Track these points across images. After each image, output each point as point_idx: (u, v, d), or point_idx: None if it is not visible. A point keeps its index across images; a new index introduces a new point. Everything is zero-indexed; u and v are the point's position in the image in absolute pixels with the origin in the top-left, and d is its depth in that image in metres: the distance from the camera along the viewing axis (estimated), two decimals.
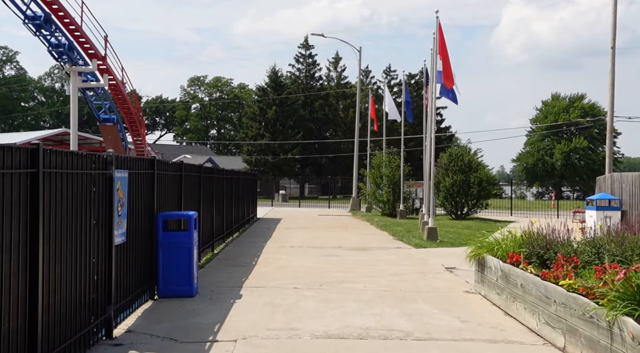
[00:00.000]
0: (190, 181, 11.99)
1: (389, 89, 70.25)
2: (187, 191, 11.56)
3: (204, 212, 13.38)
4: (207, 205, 14.02)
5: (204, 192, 13.55)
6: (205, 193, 13.63)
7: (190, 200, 11.90)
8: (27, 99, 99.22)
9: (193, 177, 12.28)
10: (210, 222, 14.45)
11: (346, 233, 20.27)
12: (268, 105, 64.23)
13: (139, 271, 8.37)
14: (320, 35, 37.35)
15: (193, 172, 12.29)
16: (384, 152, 30.11)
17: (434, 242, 17.18)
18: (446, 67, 16.99)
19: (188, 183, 11.67)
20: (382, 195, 28.58)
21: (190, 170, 11.91)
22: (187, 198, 11.44)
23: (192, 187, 12.12)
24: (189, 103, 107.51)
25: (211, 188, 14.55)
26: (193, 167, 12.34)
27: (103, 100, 31.35)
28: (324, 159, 66.81)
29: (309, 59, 69.44)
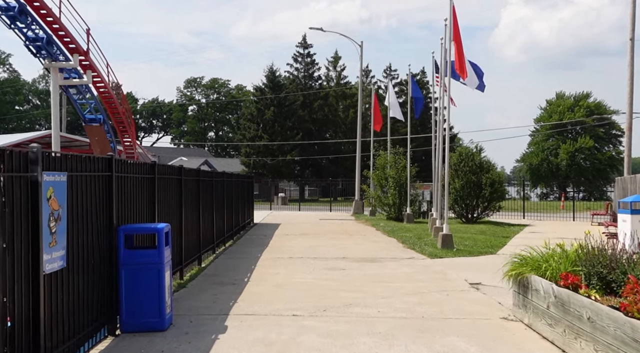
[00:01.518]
0: (169, 186, 10.12)
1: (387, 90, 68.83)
2: (164, 197, 9.69)
3: (187, 221, 11.51)
4: (192, 213, 12.14)
5: (188, 197, 11.68)
6: (189, 199, 11.76)
7: (168, 208, 10.03)
8: (21, 102, 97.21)
9: (172, 180, 10.40)
10: (196, 232, 12.58)
11: (350, 240, 18.38)
12: (266, 105, 62.40)
13: (92, 301, 6.50)
14: (319, 29, 35.54)
15: (172, 174, 10.42)
16: (389, 152, 28.21)
17: (450, 250, 15.31)
18: (460, 55, 15.10)
19: (165, 189, 9.80)
20: (387, 197, 26.68)
21: (167, 173, 10.04)
22: (163, 207, 9.57)
23: (170, 192, 10.25)
24: (185, 105, 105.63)
25: (197, 193, 12.68)
26: (172, 169, 10.46)
27: (88, 99, 29.47)
28: (324, 160, 64.94)
29: (308, 58, 67.63)
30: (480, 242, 17.78)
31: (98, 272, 6.70)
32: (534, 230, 23.22)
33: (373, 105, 32.80)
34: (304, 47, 67.44)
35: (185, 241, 11.36)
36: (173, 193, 10.47)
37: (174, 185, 10.53)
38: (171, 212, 10.28)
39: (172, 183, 10.43)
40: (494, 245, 16.87)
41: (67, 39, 25.07)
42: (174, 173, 10.57)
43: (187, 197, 11.59)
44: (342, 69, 70.90)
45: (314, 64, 67.91)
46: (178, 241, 10.76)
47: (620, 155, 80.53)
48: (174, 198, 10.51)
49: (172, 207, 10.39)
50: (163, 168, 9.74)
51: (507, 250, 15.92)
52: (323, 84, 69.41)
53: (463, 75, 15.19)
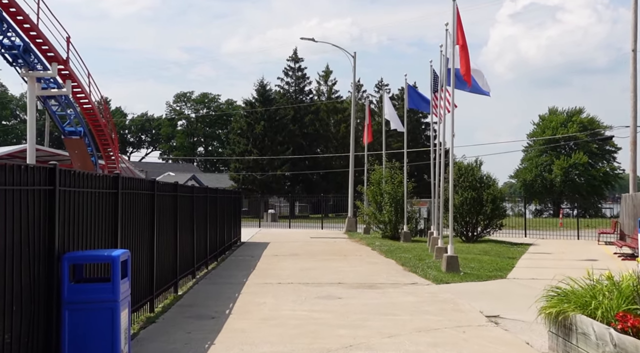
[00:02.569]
0: (138, 202, 8.66)
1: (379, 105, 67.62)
2: (130, 216, 8.23)
3: (161, 243, 10.03)
4: (168, 233, 10.66)
5: (163, 215, 10.21)
6: (164, 218, 10.29)
7: (136, 228, 8.56)
8: (7, 117, 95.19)
9: (142, 196, 8.94)
10: (172, 254, 11.08)
11: (345, 262, 16.91)
12: (256, 120, 61.02)
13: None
14: (310, 39, 34.24)
15: (142, 189, 8.95)
16: (384, 167, 26.82)
17: (456, 274, 13.87)
18: (466, 59, 13.78)
19: (132, 205, 8.34)
20: (383, 215, 25.23)
21: (135, 187, 8.58)
22: (128, 227, 8.10)
23: (140, 210, 8.79)
24: (174, 120, 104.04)
25: (174, 210, 11.20)
26: (141, 182, 8.99)
27: (68, 110, 27.95)
28: (315, 175, 63.51)
29: (299, 72, 66.43)
30: (487, 263, 16.37)
31: (30, 315, 5.22)
32: (539, 249, 21.85)
33: (367, 118, 31.46)
34: (295, 61, 66.29)
35: (159, 266, 9.87)
36: (143, 210, 9.00)
37: (144, 202, 9.06)
38: (140, 233, 8.80)
39: (143, 199, 8.96)
40: (502, 268, 15.46)
41: (46, 47, 23.62)
42: (145, 187, 9.11)
43: (162, 215, 10.12)
44: (333, 83, 69.79)
45: (305, 78, 66.73)
46: (148, 267, 9.27)
47: (614, 171, 79.81)
48: (144, 216, 9.04)
49: (142, 227, 8.92)
50: (130, 181, 8.28)
51: (518, 274, 14.53)
52: (314, 98, 68.20)
53: (469, 81, 13.87)
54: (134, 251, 8.44)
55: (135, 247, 8.52)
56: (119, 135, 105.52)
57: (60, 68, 24.56)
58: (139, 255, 8.68)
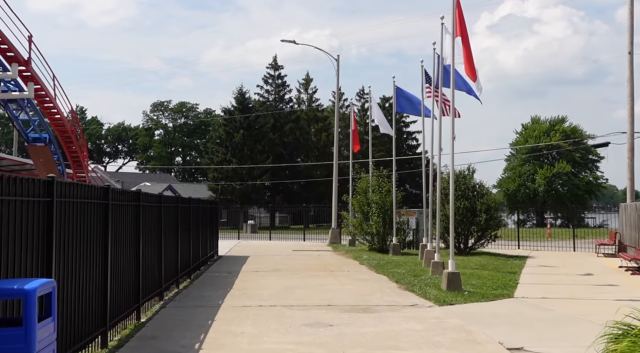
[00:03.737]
0: (83, 214, 6.99)
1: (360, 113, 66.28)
2: (72, 231, 6.56)
3: (117, 262, 8.36)
4: (127, 250, 8.98)
5: (120, 229, 8.54)
6: (121, 232, 8.61)
7: (81, 246, 6.88)
8: None
9: (91, 206, 7.27)
10: (133, 274, 9.40)
11: (333, 279, 15.29)
12: (235, 128, 59.27)
13: None
14: (292, 41, 32.69)
15: (90, 198, 7.27)
16: (371, 175, 25.26)
17: (459, 293, 12.34)
18: (468, 53, 12.32)
19: (75, 218, 6.68)
20: (370, 226, 23.65)
21: (79, 195, 6.90)
22: (69, 245, 6.42)
23: (87, 223, 7.11)
24: (152, 129, 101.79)
25: (136, 223, 9.53)
26: (87, 190, 7.29)
27: (31, 115, 26.03)
28: (296, 185, 61.81)
29: (278, 79, 64.87)
30: (488, 280, 14.89)
31: None
32: (538, 262, 20.45)
33: (352, 125, 29.97)
34: (275, 69, 64.71)
35: (115, 290, 8.19)
36: (92, 223, 7.33)
37: (94, 213, 7.39)
38: (88, 251, 7.13)
39: (92, 209, 7.29)
40: (505, 285, 13.98)
41: (4, 46, 21.74)
42: (95, 195, 7.43)
43: (119, 228, 8.45)
44: (313, 91, 68.24)
45: (284, 85, 65.17)
46: (100, 292, 7.59)
47: (597, 180, 79.29)
48: (93, 230, 7.37)
49: (91, 244, 7.24)
50: (71, 188, 6.61)
51: (526, 292, 13.04)
52: (294, 107, 66.66)
53: (473, 76, 12.43)
54: (79, 275, 6.77)
55: (81, 269, 6.85)
56: (95, 145, 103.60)
57: (22, 69, 22.66)
58: (85, 280, 7.01)
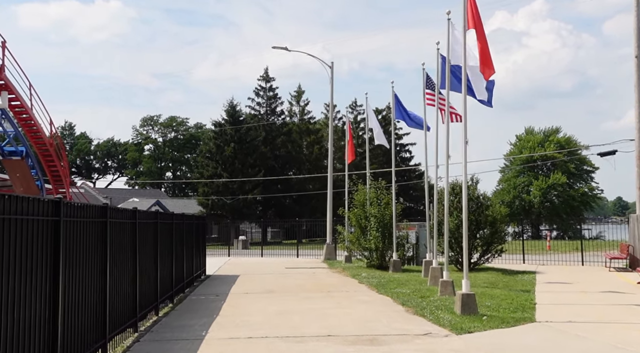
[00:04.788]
0: (27, 232, 5.54)
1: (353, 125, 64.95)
2: (8, 253, 5.10)
3: (73, 289, 6.89)
4: (87, 275, 7.51)
5: (78, 250, 7.08)
6: (77, 254, 7.15)
7: (20, 271, 5.42)
8: None
9: (37, 224, 5.82)
10: (98, 304, 7.92)
11: (331, 301, 13.81)
12: (225, 141, 57.83)
13: None
14: (284, 48, 31.33)
15: (34, 213, 5.82)
16: (369, 187, 23.83)
17: (476, 317, 10.90)
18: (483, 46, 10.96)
19: (18, 238, 5.22)
20: (368, 241, 22.19)
21: (17, 210, 5.45)
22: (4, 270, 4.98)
23: (31, 243, 5.66)
24: (141, 144, 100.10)
25: (102, 243, 8.07)
26: (32, 203, 5.82)
27: (5, 127, 24.50)
28: (288, 199, 60.25)
29: (270, 92, 63.51)
30: (502, 299, 13.48)
31: None
32: (549, 279, 19.06)
33: (347, 134, 28.61)
34: (266, 81, 63.40)
35: (69, 324, 6.71)
36: (38, 244, 5.87)
37: (40, 231, 5.94)
38: (30, 277, 5.67)
39: (38, 228, 5.84)
40: (523, 306, 12.57)
41: None
42: (41, 211, 5.97)
43: (75, 249, 6.98)
44: (305, 103, 66.98)
45: (276, 98, 63.82)
46: (48, 329, 6.11)
47: (593, 191, 78.26)
48: (39, 252, 5.91)
49: (34, 269, 5.78)
50: (15, 203, 5.16)
51: (548, 315, 11.61)
52: (286, 120, 65.29)
53: (491, 70, 11.07)
54: (17, 306, 5.31)
55: (19, 299, 5.38)
56: (84, 162, 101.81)
57: None
58: (27, 313, 5.54)
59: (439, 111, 16.54)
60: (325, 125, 63.41)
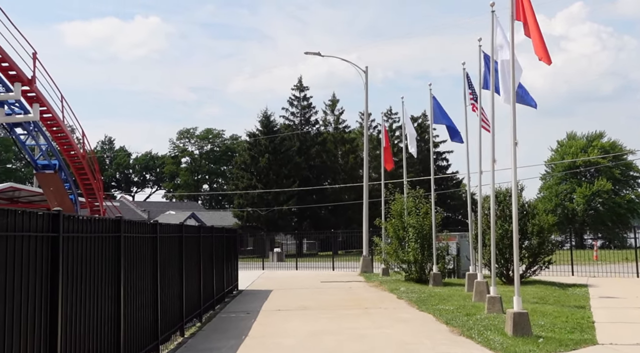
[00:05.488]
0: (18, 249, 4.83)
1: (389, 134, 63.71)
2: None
3: (77, 319, 6.15)
4: (96, 296, 6.78)
5: (84, 268, 6.36)
6: (85, 275, 6.43)
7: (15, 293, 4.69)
8: (10, 158, 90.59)
9: (31, 240, 5.11)
10: (113, 329, 7.19)
11: (368, 319, 12.87)
12: (260, 152, 57.44)
13: None
14: (316, 54, 30.69)
15: (28, 229, 5.10)
16: (406, 196, 22.83)
17: (531, 340, 9.84)
18: (537, 33, 9.97)
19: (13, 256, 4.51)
20: (407, 253, 21.16)
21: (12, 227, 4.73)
22: None
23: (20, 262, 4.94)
24: (178, 157, 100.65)
25: (115, 260, 7.35)
26: (29, 218, 5.11)
27: (39, 140, 24.31)
28: (323, 210, 59.40)
29: (304, 101, 62.96)
30: (556, 318, 12.36)
31: None
32: (603, 293, 17.71)
33: (384, 141, 27.66)
34: (300, 90, 62.89)
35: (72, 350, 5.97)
36: (32, 264, 5.16)
37: (35, 248, 5.23)
38: (25, 302, 4.94)
39: (30, 245, 5.13)
40: (581, 325, 11.42)
41: (6, 64, 20.08)
42: (35, 226, 5.25)
43: (79, 270, 6.26)
44: (340, 112, 66.14)
45: (310, 107, 63.22)
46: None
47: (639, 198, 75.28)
48: (34, 274, 5.19)
49: (28, 293, 5.06)
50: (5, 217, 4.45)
51: (611, 336, 10.43)
52: (320, 129, 64.61)
53: (547, 59, 10.02)
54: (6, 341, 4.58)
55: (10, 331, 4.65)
56: (123, 175, 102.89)
57: (25, 89, 20.99)
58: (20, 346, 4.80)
59: (478, 115, 15.50)
60: (360, 134, 62.41)
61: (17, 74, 20.43)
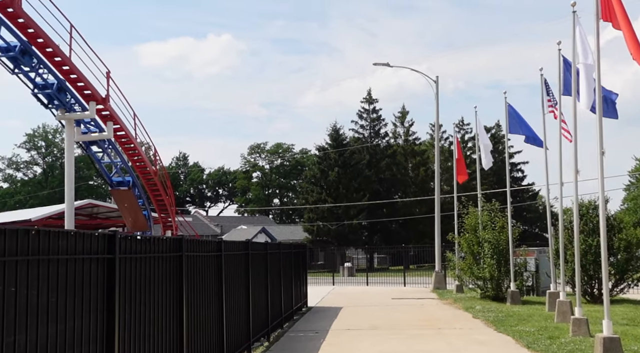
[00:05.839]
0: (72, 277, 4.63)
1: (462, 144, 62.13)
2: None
3: (132, 341, 5.93)
4: (157, 321, 6.55)
5: (145, 293, 6.14)
6: (145, 296, 6.21)
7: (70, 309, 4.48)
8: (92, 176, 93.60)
9: (89, 262, 4.91)
10: (176, 346, 6.95)
11: (443, 341, 12.19)
12: (329, 166, 57.32)
13: None
14: (385, 64, 30.16)
15: (83, 252, 4.90)
16: (480, 209, 21.91)
17: None
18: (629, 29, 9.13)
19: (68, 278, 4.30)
20: (482, 269, 20.24)
21: (72, 248, 4.54)
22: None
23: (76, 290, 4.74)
24: (249, 172, 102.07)
25: (177, 282, 7.13)
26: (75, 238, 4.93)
27: (112, 157, 24.94)
28: (394, 224, 58.48)
29: (373, 113, 62.45)
30: None
31: None
32: None
33: (456, 152, 26.80)
34: (369, 102, 62.43)
35: None
36: (89, 285, 4.95)
37: (90, 272, 5.03)
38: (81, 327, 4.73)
39: (86, 267, 4.93)
40: None
41: (81, 84, 20.76)
42: (87, 248, 5.05)
43: (138, 291, 6.04)
44: (410, 124, 65.10)
45: (380, 120, 62.62)
46: None
47: None
48: (88, 297, 4.98)
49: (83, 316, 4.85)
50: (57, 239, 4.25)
51: None
52: (390, 141, 63.86)
53: None
54: None
55: None
56: (197, 190, 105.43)
57: (100, 108, 21.61)
58: None
59: (560, 122, 14.61)
60: (431, 146, 61.28)
61: (92, 93, 21.06)
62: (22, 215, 36.97)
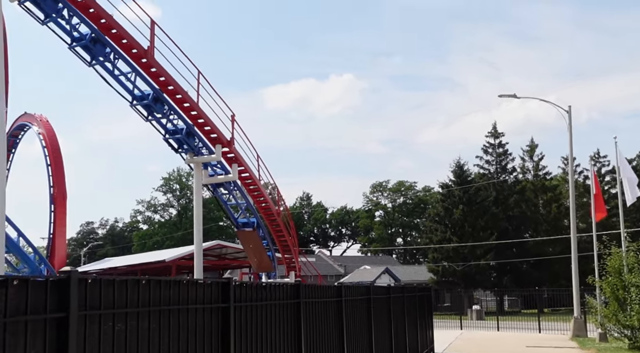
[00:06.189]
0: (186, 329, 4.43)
1: (599, 178, 57.97)
2: None
3: None
4: None
5: (261, 342, 5.86)
6: (261, 346, 5.92)
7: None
8: (221, 217, 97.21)
9: (203, 312, 4.71)
10: None
11: None
12: (454, 204, 55.61)
13: None
14: (512, 96, 28.87)
15: (198, 302, 4.70)
16: (625, 250, 19.92)
17: None
18: None
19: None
20: (630, 317, 18.25)
21: (184, 298, 4.36)
22: None
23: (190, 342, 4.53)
24: (372, 211, 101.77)
25: (295, 330, 6.81)
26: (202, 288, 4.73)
27: (239, 199, 25.59)
28: (525, 264, 55.30)
29: (499, 148, 60.10)
30: None
31: None
32: None
33: (594, 187, 24.82)
34: (495, 137, 60.22)
35: None
36: (202, 334, 4.73)
37: (203, 320, 4.81)
38: None
39: (199, 316, 4.73)
40: None
41: (208, 128, 21.66)
42: (200, 297, 4.85)
43: (252, 339, 5.76)
44: (540, 158, 61.79)
45: (506, 154, 60.11)
46: None
47: None
48: (202, 344, 4.76)
49: None
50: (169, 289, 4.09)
51: None
52: (518, 177, 60.98)
53: None
54: None
55: None
56: (320, 230, 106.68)
57: (225, 150, 22.37)
58: None
59: None
60: (564, 180, 57.79)
61: (218, 136, 21.86)
62: (158, 256, 38.99)
